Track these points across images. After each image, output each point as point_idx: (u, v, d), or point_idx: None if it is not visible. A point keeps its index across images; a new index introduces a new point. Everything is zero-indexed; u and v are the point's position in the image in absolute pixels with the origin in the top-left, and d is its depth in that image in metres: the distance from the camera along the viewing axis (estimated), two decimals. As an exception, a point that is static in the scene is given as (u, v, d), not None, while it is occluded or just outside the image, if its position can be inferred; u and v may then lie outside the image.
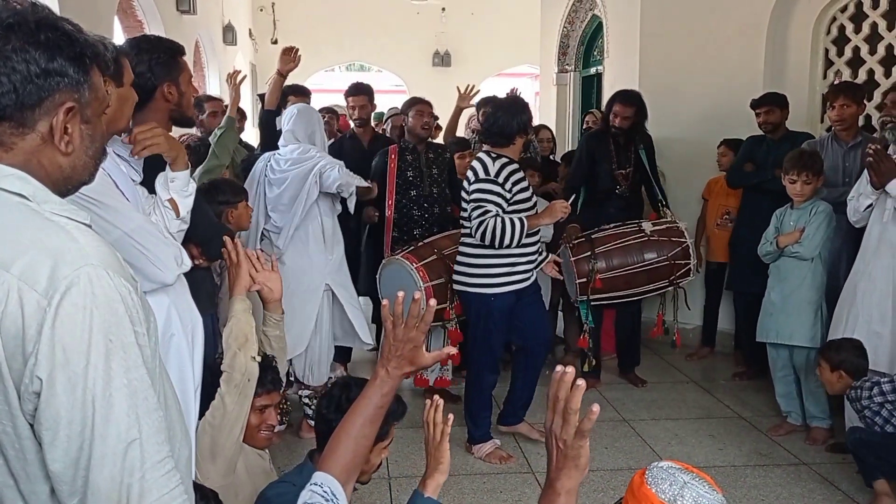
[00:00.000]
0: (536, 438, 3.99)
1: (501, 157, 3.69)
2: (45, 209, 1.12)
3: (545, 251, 4.20)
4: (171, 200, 2.26)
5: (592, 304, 4.53)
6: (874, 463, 3.30)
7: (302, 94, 5.15)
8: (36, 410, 1.05)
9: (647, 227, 4.60)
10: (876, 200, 3.67)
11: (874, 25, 5.11)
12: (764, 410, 4.49)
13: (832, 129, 4.54)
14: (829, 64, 5.35)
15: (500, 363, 4.00)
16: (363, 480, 2.11)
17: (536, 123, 5.40)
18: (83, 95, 1.17)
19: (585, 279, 4.45)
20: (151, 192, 2.28)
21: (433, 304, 1.51)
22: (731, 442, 4.09)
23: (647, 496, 1.29)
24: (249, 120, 11.91)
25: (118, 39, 4.25)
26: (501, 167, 3.65)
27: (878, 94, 5.09)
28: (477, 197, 3.64)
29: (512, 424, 4.06)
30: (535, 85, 11.26)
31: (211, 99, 5.10)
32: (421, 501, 1.92)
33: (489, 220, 3.58)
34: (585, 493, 3.38)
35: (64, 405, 1.03)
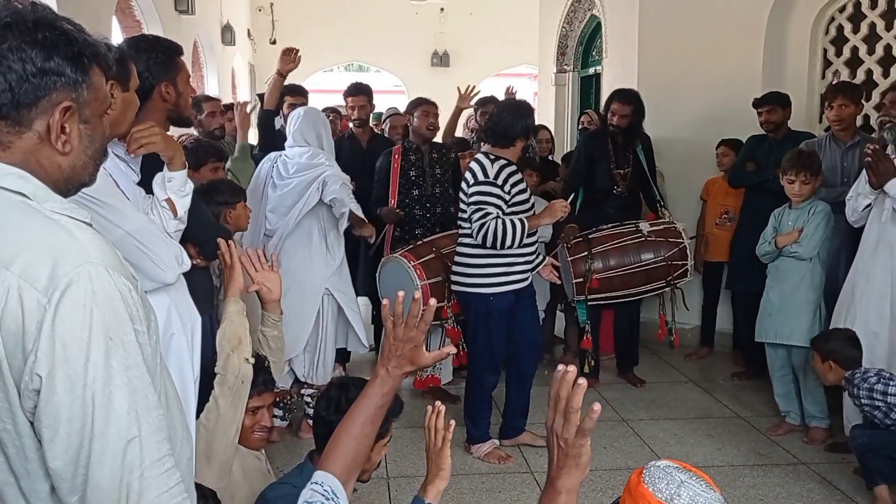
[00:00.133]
0: (542, 445, 3.99)
1: (500, 158, 3.69)
2: (45, 208, 1.12)
3: (543, 252, 4.20)
4: (168, 200, 2.26)
5: (590, 304, 4.53)
6: (879, 467, 3.26)
7: (299, 94, 5.15)
8: (36, 408, 1.05)
9: (644, 227, 4.61)
10: (874, 200, 3.67)
11: (872, 25, 5.11)
12: (762, 410, 4.50)
13: (830, 129, 4.55)
14: (827, 64, 5.35)
15: (500, 364, 3.99)
16: (364, 479, 2.11)
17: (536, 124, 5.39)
18: (81, 95, 1.17)
19: (582, 279, 4.45)
20: (148, 191, 2.28)
21: (433, 303, 1.51)
22: (729, 442, 4.09)
23: (643, 495, 1.30)
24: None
25: (116, 39, 4.24)
26: (500, 169, 3.65)
27: (876, 94, 5.09)
28: (477, 199, 3.64)
29: (514, 436, 4.03)
30: (533, 85, 11.25)
31: (209, 99, 5.08)
32: None
33: (490, 222, 3.58)
34: (584, 492, 3.38)
35: (64, 402, 1.04)
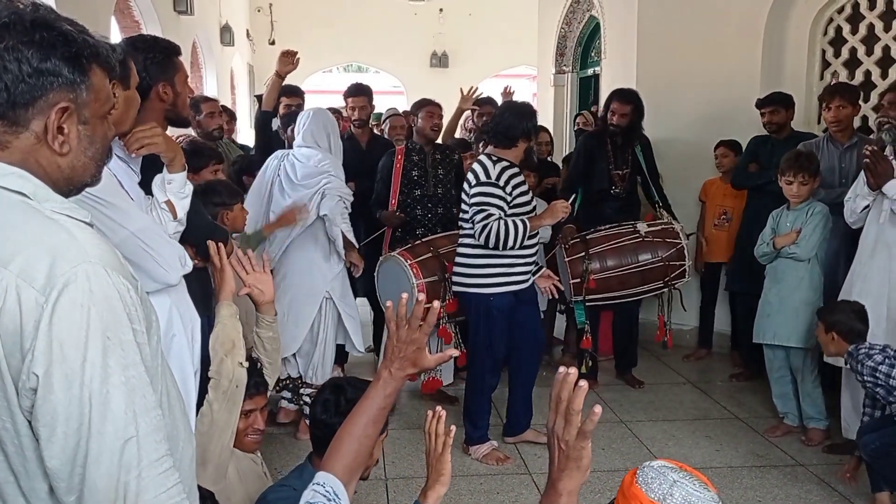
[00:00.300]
0: (544, 443, 3.99)
1: (502, 160, 3.70)
2: (45, 207, 1.12)
3: (542, 253, 4.20)
4: (167, 202, 2.26)
5: (588, 305, 4.53)
6: (887, 474, 3.21)
7: (295, 94, 5.14)
8: (33, 407, 1.05)
9: (641, 228, 4.61)
10: (873, 202, 3.68)
11: (871, 26, 5.11)
12: (760, 411, 4.50)
13: (827, 130, 4.55)
14: (826, 65, 5.35)
15: (500, 365, 3.99)
16: (364, 476, 2.10)
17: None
18: (80, 96, 1.17)
19: (579, 279, 4.46)
20: (147, 193, 2.28)
21: (437, 306, 1.51)
22: (727, 443, 4.09)
23: (636, 495, 1.30)
24: (247, 121, 11.92)
25: (115, 40, 4.24)
26: (502, 170, 3.66)
27: (874, 95, 5.09)
28: (479, 200, 3.65)
29: (518, 434, 4.06)
30: (532, 86, 11.25)
31: (207, 100, 5.08)
32: None
33: (493, 223, 3.59)
34: (582, 493, 3.36)
35: (61, 402, 1.04)
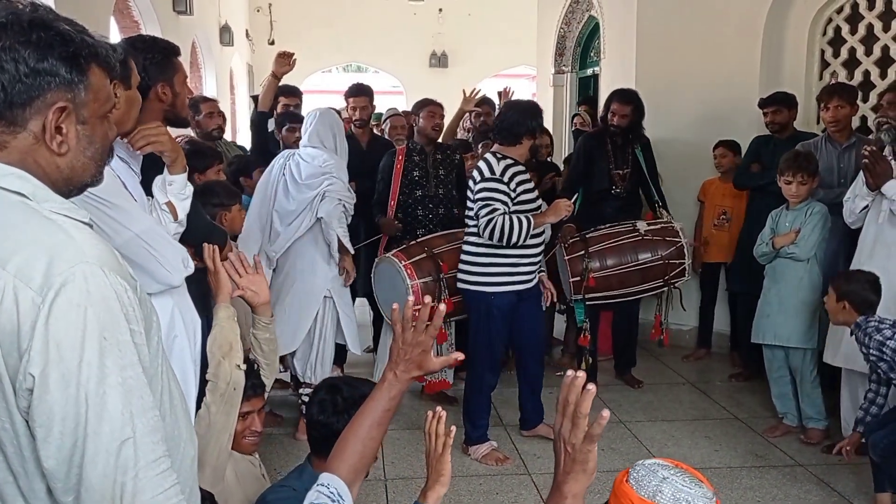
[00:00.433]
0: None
1: (507, 158, 3.72)
2: (44, 207, 1.12)
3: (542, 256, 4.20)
4: (168, 203, 2.26)
5: (588, 303, 4.53)
6: (893, 474, 3.18)
7: (293, 94, 5.14)
8: (30, 407, 1.05)
9: (641, 226, 4.62)
10: (872, 202, 3.68)
11: (870, 26, 5.11)
12: (760, 412, 4.50)
13: (826, 130, 4.55)
14: (825, 65, 5.35)
15: (500, 364, 3.99)
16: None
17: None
18: (78, 96, 1.17)
19: (579, 278, 4.46)
20: (147, 194, 2.28)
21: (443, 308, 1.51)
22: (726, 443, 4.09)
23: (626, 493, 1.31)
24: (246, 121, 11.89)
25: (114, 40, 4.24)
26: (506, 168, 3.69)
27: (873, 95, 5.09)
28: (483, 196, 3.67)
29: (532, 428, 4.13)
30: (531, 86, 11.25)
31: (207, 100, 5.08)
32: None
33: (497, 217, 3.61)
34: (581, 494, 3.37)
35: (57, 402, 1.04)
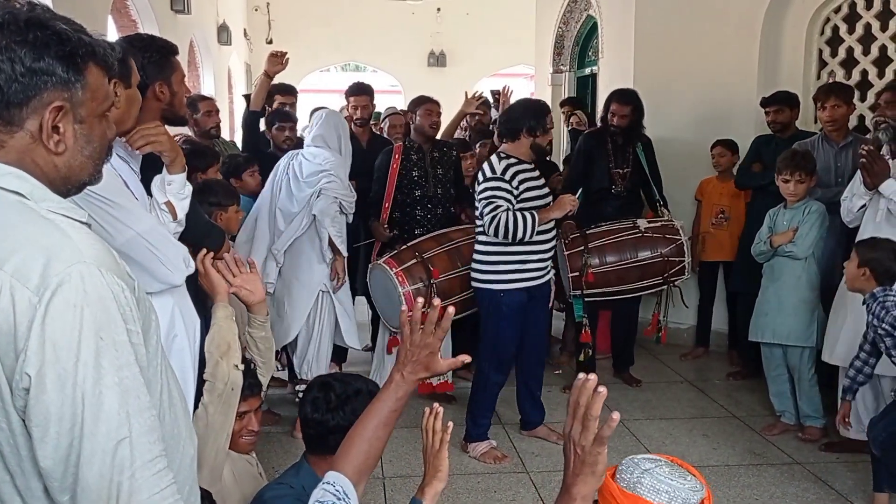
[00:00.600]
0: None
1: (510, 157, 3.76)
2: (41, 207, 1.12)
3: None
4: (167, 203, 2.26)
5: (587, 300, 4.53)
6: (893, 471, 3.17)
7: (288, 93, 5.13)
8: (26, 407, 1.05)
9: (641, 223, 4.63)
10: (869, 201, 3.68)
11: (867, 26, 5.12)
12: (758, 410, 4.50)
13: (822, 129, 4.55)
14: (822, 64, 5.35)
15: (507, 364, 3.97)
16: None
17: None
18: (75, 95, 1.17)
19: (578, 273, 4.47)
20: (147, 193, 2.28)
21: (451, 311, 1.52)
22: (724, 441, 4.10)
23: (608, 487, 1.33)
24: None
25: (111, 39, 4.24)
26: (507, 167, 3.72)
27: (871, 94, 5.09)
28: (487, 195, 3.71)
29: (531, 430, 4.13)
30: (530, 85, 11.24)
31: (204, 99, 5.08)
32: None
33: (500, 214, 3.65)
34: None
35: (54, 402, 1.04)
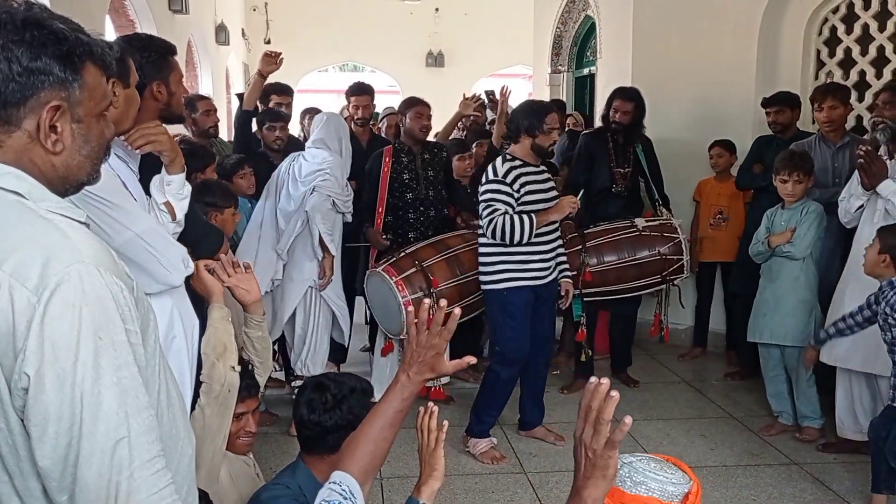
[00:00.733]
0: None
1: (514, 159, 3.77)
2: (40, 207, 1.12)
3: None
4: (166, 203, 2.25)
5: (586, 299, 4.53)
6: (891, 472, 3.17)
7: (284, 93, 5.11)
8: (25, 407, 1.05)
9: (639, 223, 4.63)
10: (867, 201, 3.68)
11: (865, 26, 5.12)
12: (755, 410, 4.51)
13: (819, 130, 4.56)
14: (820, 65, 5.36)
15: (518, 364, 3.91)
16: None
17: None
18: (72, 94, 1.16)
19: (576, 272, 4.47)
20: (146, 193, 2.27)
21: (457, 312, 1.52)
22: (722, 442, 4.10)
23: None
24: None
25: (109, 38, 4.25)
26: (509, 169, 3.74)
27: (869, 94, 5.10)
28: (487, 197, 3.74)
29: (528, 430, 4.14)
30: (528, 86, 11.25)
31: (203, 98, 5.08)
32: None
33: (497, 218, 3.69)
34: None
35: (52, 402, 1.03)
